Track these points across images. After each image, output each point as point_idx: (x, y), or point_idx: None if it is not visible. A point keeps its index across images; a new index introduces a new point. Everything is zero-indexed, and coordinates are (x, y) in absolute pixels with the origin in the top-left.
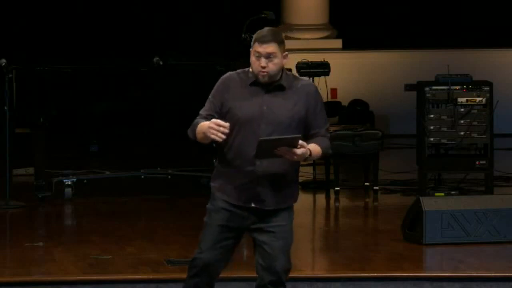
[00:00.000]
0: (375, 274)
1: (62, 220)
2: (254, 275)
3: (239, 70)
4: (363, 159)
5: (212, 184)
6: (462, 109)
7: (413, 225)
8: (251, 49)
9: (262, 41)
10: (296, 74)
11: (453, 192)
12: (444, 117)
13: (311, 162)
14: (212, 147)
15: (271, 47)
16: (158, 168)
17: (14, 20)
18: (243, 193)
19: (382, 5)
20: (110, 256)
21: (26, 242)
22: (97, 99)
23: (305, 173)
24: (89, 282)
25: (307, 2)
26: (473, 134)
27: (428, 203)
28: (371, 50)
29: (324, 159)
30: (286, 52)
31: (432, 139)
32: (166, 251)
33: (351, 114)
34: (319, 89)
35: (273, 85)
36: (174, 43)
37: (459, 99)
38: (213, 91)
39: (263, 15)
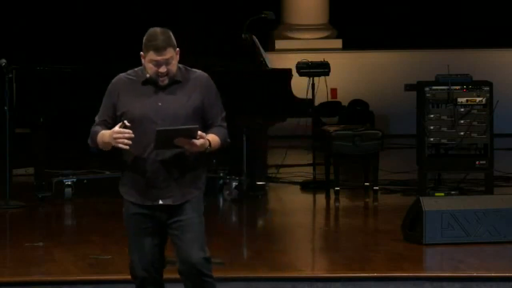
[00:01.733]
0: (375, 274)
1: (62, 220)
2: (254, 275)
3: (129, 71)
4: (363, 159)
5: (120, 189)
6: (462, 109)
7: (413, 225)
8: (142, 53)
9: (157, 49)
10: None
11: (453, 192)
12: (444, 117)
13: (311, 162)
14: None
15: (168, 54)
16: None
17: (14, 20)
18: (149, 192)
19: (382, 5)
20: (110, 256)
21: (26, 242)
22: (98, 99)
23: (305, 173)
24: (89, 282)
25: (307, 2)
26: (473, 134)
27: (428, 203)
28: (371, 50)
29: (325, 160)
30: (177, 48)
31: (432, 139)
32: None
33: (351, 114)
34: (319, 89)
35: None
36: None
37: (459, 99)
38: (105, 96)
39: (263, 15)
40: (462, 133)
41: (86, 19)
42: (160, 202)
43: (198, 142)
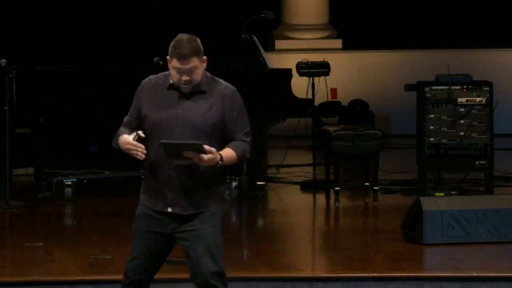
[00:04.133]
0: (375, 274)
1: (62, 220)
2: (254, 275)
3: (159, 74)
4: (363, 159)
5: (141, 189)
6: (462, 109)
7: (413, 225)
8: (168, 57)
9: (181, 58)
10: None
11: (453, 192)
12: (444, 117)
13: (311, 162)
14: None
15: (192, 63)
16: None
17: (14, 20)
18: (160, 198)
19: (382, 5)
20: (110, 256)
21: (26, 242)
22: (97, 99)
23: (305, 173)
24: (89, 282)
25: (307, 2)
26: (473, 134)
27: (428, 203)
28: (371, 50)
29: (325, 160)
30: (205, 57)
31: (432, 139)
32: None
33: (351, 114)
34: (319, 89)
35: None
36: None
37: (459, 99)
38: (134, 97)
39: (263, 15)
40: (462, 133)
41: (86, 19)
42: (169, 209)
43: (206, 157)
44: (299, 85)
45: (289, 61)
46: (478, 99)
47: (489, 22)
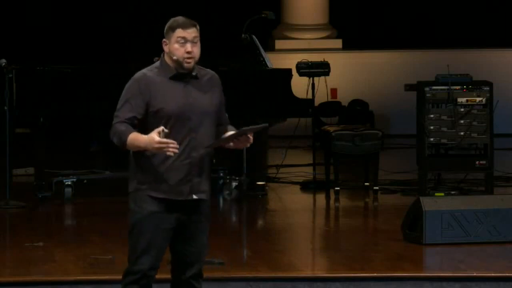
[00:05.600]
0: (375, 274)
1: (62, 220)
2: (254, 275)
3: (148, 68)
4: (363, 159)
5: (139, 187)
6: (462, 109)
7: (413, 225)
8: (165, 40)
9: (185, 26)
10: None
11: (453, 192)
12: (444, 117)
13: (311, 162)
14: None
15: (195, 31)
16: None
17: (15, 20)
18: (183, 187)
19: (382, 5)
20: (110, 256)
21: (26, 242)
22: (97, 99)
23: (305, 173)
24: (89, 282)
25: (307, 2)
26: (473, 134)
27: (428, 203)
28: (371, 50)
29: (325, 160)
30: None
31: (432, 139)
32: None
33: (351, 114)
34: (319, 89)
35: (189, 76)
36: None
37: (459, 99)
38: (128, 93)
39: (263, 15)
40: (462, 133)
41: (86, 19)
42: (194, 196)
43: (251, 138)
44: (299, 85)
45: (289, 61)
46: (478, 99)
47: (489, 22)
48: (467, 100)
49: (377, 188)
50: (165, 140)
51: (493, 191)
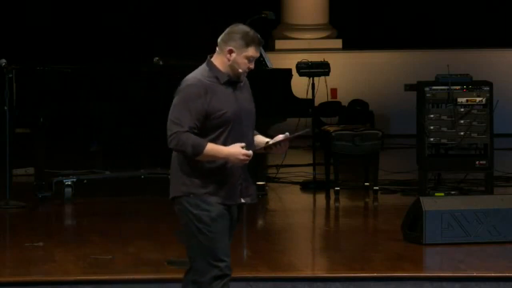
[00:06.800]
0: (375, 274)
1: (62, 220)
2: (254, 275)
3: (199, 75)
4: (363, 159)
5: (198, 191)
6: (462, 109)
7: (413, 225)
8: (233, 49)
9: (258, 46)
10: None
11: (453, 192)
12: (444, 117)
13: (311, 162)
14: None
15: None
16: (158, 168)
17: (15, 20)
18: (235, 191)
19: (382, 5)
20: (110, 256)
21: (26, 242)
22: (97, 99)
23: (305, 173)
24: (89, 282)
25: (307, 2)
26: (473, 134)
27: (428, 203)
28: (371, 50)
29: (325, 160)
30: None
31: (432, 139)
32: (166, 251)
33: (351, 114)
34: (319, 89)
35: (237, 82)
36: (174, 43)
37: (459, 99)
38: (187, 100)
39: (263, 15)
40: (462, 133)
41: (86, 19)
42: (242, 200)
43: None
44: (299, 85)
45: (289, 61)
46: (478, 99)
47: (489, 22)
48: (467, 100)
49: (377, 188)
50: (250, 152)
51: (493, 191)
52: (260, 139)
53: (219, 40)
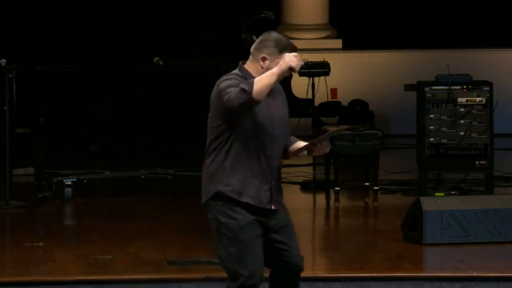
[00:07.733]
0: (375, 274)
1: (62, 220)
2: None
3: (229, 76)
4: (363, 159)
5: (232, 194)
6: (462, 109)
7: (413, 225)
8: (266, 56)
9: (293, 50)
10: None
11: (453, 192)
12: (444, 117)
13: (311, 162)
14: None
15: None
16: (158, 168)
17: (15, 20)
18: (264, 196)
19: (382, 5)
20: (110, 256)
21: (26, 242)
22: (97, 99)
23: (305, 173)
24: (89, 282)
25: (307, 2)
26: (473, 134)
27: (428, 203)
28: (371, 50)
29: (325, 160)
30: None
31: (432, 139)
32: (166, 251)
33: (351, 114)
34: (319, 89)
35: None
36: (174, 43)
37: (459, 99)
38: (231, 85)
39: (263, 15)
40: (462, 133)
41: (86, 19)
42: (273, 207)
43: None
44: (299, 85)
45: None
46: (478, 99)
47: (489, 22)
48: (467, 100)
49: (377, 188)
50: (295, 53)
51: (493, 191)
52: (300, 144)
53: (252, 48)
